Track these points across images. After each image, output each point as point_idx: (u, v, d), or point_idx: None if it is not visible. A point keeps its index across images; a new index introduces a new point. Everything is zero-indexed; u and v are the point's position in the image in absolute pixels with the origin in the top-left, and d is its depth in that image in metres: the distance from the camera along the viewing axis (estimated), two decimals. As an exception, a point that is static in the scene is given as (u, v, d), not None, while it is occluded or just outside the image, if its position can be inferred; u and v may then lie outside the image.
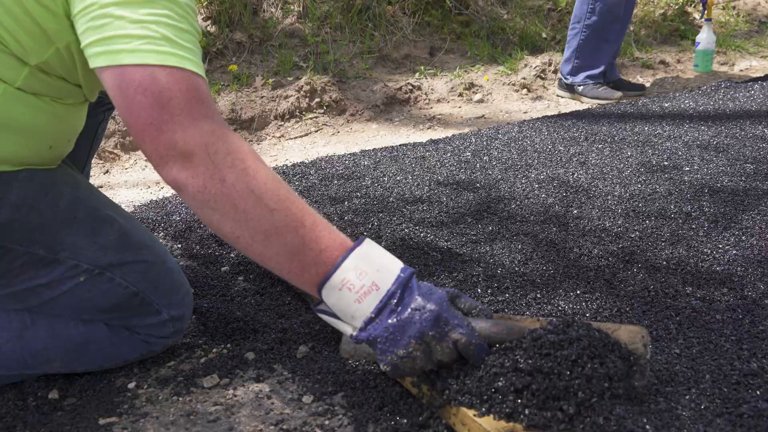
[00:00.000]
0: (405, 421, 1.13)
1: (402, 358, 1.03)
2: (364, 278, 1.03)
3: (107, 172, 2.77)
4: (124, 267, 1.27)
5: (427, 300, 1.04)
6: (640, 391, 1.08)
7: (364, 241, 1.07)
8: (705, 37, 4.23)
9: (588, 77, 3.64)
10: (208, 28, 3.81)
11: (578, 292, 1.52)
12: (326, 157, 2.69)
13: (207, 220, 1.05)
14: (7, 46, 1.10)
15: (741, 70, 4.46)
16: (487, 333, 1.07)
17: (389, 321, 1.03)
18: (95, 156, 2.83)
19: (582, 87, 3.67)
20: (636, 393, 1.07)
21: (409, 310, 1.03)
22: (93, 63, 1.05)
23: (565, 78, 3.72)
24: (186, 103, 1.02)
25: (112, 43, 1.02)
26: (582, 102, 3.67)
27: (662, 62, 4.50)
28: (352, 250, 1.05)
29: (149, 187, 2.59)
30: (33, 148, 1.20)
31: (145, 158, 2.90)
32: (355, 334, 1.05)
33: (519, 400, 1.02)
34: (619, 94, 3.62)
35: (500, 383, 1.04)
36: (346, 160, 2.58)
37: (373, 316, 1.03)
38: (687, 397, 1.14)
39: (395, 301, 1.04)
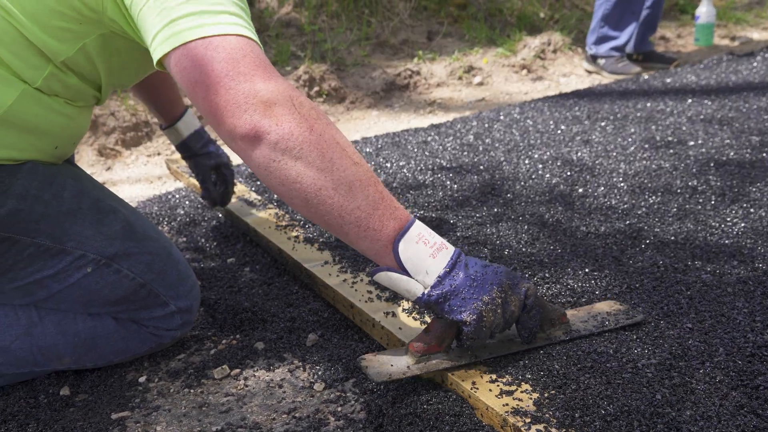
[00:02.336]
0: (420, 406, 1.12)
1: (487, 304, 1.07)
2: (434, 238, 1.08)
3: (109, 168, 2.76)
4: (130, 258, 1.27)
5: (490, 264, 1.12)
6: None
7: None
8: (705, 11, 4.19)
9: (613, 49, 3.66)
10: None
11: (587, 270, 1.51)
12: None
13: (282, 174, 1.01)
14: (35, 43, 1.12)
15: (742, 43, 4.42)
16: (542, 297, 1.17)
17: (467, 273, 1.07)
18: (96, 153, 2.82)
19: (603, 61, 3.69)
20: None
21: (481, 266, 1.10)
22: (168, 46, 1.04)
23: (590, 48, 3.73)
24: (260, 62, 1.03)
25: (186, 21, 1.03)
26: (602, 76, 3.69)
27: (662, 38, 4.46)
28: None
29: (152, 182, 2.58)
30: (40, 147, 1.21)
31: (147, 153, 2.89)
32: (427, 291, 1.06)
33: None
34: (637, 69, 3.62)
35: None
36: (348, 148, 2.56)
37: (448, 270, 1.07)
38: (701, 371, 1.13)
39: (464, 260, 1.09)
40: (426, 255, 1.06)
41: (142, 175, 2.66)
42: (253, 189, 2.13)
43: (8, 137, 1.15)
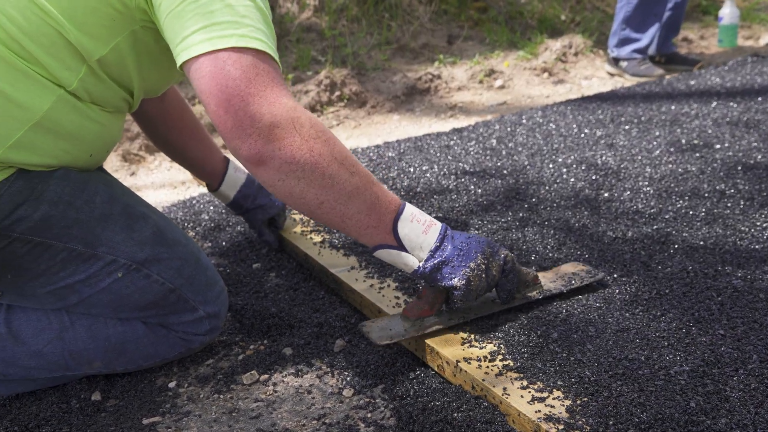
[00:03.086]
0: (451, 413, 1.12)
1: (474, 270, 1.22)
2: (424, 216, 1.23)
3: (133, 174, 2.78)
4: (160, 263, 1.28)
5: (472, 235, 1.27)
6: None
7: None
8: (728, 12, 4.15)
9: (635, 51, 3.64)
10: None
11: (615, 276, 1.50)
12: (349, 150, 2.69)
13: (287, 190, 1.11)
14: (71, 42, 1.13)
15: (767, 44, 4.37)
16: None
17: (454, 244, 1.22)
18: (120, 159, 2.85)
19: (626, 63, 3.67)
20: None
21: (465, 237, 1.25)
22: (187, 54, 1.08)
23: (611, 50, 3.71)
24: (270, 80, 1.08)
25: (212, 31, 1.07)
26: (625, 79, 3.67)
27: (685, 39, 4.42)
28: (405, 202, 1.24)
29: (176, 187, 2.60)
30: (75, 154, 1.22)
31: (170, 159, 2.91)
32: (422, 264, 1.21)
33: None
34: (660, 71, 3.60)
35: None
36: (370, 153, 2.56)
37: (438, 244, 1.21)
38: (735, 378, 1.11)
39: (450, 233, 1.24)
40: (419, 231, 1.20)
41: (166, 181, 2.68)
42: (277, 194, 2.14)
43: (44, 143, 1.17)
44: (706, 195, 1.90)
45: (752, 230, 1.66)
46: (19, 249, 1.20)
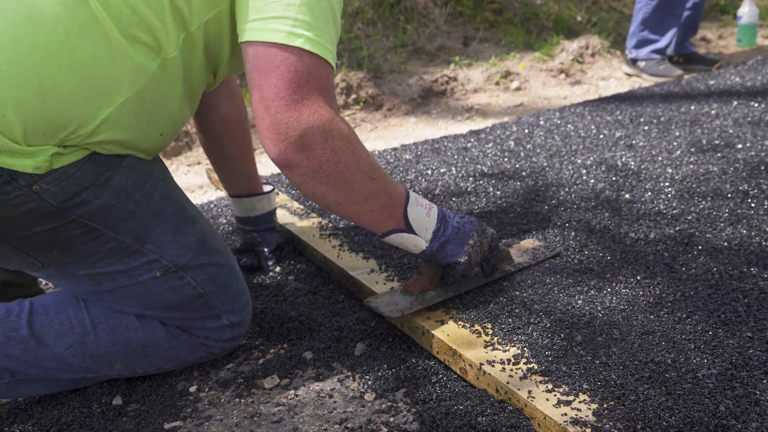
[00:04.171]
0: (475, 418, 1.11)
1: (473, 246, 1.36)
2: (423, 200, 1.33)
3: (151, 178, 2.79)
4: (197, 269, 1.29)
5: (463, 215, 1.40)
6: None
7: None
8: (747, 11, 4.10)
9: (653, 51, 3.60)
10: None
11: (638, 278, 1.48)
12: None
13: (309, 191, 1.18)
14: (177, 5, 1.15)
15: (786, 43, 4.32)
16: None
17: (452, 225, 1.35)
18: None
19: (644, 63, 3.63)
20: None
21: (458, 217, 1.38)
22: (251, 36, 1.11)
23: (630, 52, 3.68)
24: (318, 89, 1.12)
25: (285, 24, 1.10)
26: (642, 79, 3.64)
27: (703, 39, 4.38)
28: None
29: (193, 191, 2.60)
30: (149, 132, 1.23)
31: (187, 163, 2.92)
32: (428, 245, 1.31)
33: None
34: (678, 71, 3.56)
35: None
36: (387, 155, 2.55)
37: (439, 225, 1.33)
38: (764, 381, 1.09)
39: (447, 214, 1.36)
40: (424, 214, 1.31)
41: (184, 185, 2.69)
42: (294, 198, 2.14)
43: (127, 119, 1.17)
44: (729, 195, 1.87)
45: (778, 231, 1.63)
46: (72, 231, 1.20)
